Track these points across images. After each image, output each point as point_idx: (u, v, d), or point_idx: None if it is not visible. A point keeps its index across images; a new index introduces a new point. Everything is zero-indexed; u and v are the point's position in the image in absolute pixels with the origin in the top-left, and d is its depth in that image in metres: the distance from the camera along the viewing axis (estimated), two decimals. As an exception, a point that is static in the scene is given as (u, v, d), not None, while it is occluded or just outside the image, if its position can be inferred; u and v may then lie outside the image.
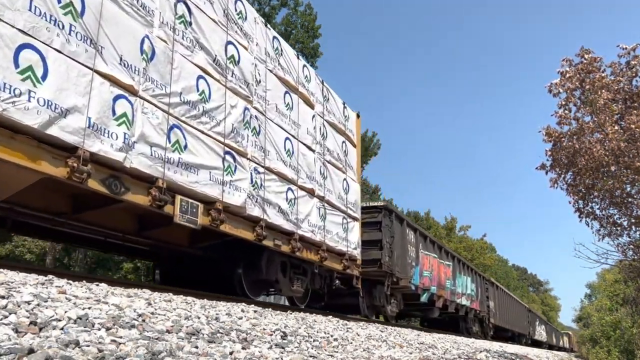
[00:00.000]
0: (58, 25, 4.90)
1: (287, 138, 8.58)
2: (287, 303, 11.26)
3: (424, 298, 14.52)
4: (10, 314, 3.00)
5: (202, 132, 6.67)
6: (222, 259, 8.47)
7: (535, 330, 36.70)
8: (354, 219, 10.81)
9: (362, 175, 28.50)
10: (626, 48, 9.18)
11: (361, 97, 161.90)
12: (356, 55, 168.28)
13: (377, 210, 12.52)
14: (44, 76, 4.73)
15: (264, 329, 4.97)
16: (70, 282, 4.60)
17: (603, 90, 9.06)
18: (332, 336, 6.00)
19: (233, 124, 7.24)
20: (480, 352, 10.04)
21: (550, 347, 42.47)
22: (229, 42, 7.40)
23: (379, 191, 30.41)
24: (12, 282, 3.84)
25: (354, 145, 11.35)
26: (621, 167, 9.36)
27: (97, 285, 4.91)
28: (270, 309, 7.14)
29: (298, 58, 9.43)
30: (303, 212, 8.77)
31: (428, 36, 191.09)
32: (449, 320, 20.34)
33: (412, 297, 14.62)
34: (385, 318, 14.00)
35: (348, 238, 10.33)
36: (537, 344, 36.15)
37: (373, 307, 12.83)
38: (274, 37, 8.74)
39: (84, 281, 4.98)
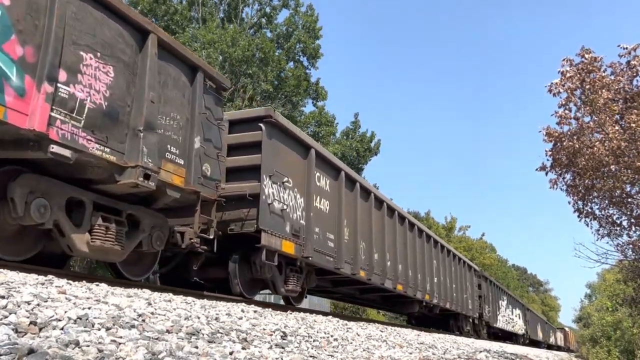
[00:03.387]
0: None
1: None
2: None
3: None
4: (10, 314, 2.99)
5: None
6: None
7: (498, 314, 23.81)
8: None
9: (362, 174, 28.48)
10: (627, 48, 9.16)
11: (362, 97, 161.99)
12: (357, 56, 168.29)
13: None
14: None
15: (264, 329, 4.97)
16: (70, 282, 4.60)
17: (603, 90, 9.05)
18: (332, 336, 6.00)
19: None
20: (480, 352, 10.06)
21: (534, 343, 34.16)
22: None
23: (377, 189, 30.38)
24: (12, 282, 3.83)
25: None
26: (621, 167, 9.35)
27: (97, 285, 4.91)
28: (270, 309, 7.14)
29: None
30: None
31: (429, 35, 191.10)
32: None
33: None
34: None
35: None
36: (508, 337, 27.66)
37: None
38: None
39: (84, 281, 4.98)
